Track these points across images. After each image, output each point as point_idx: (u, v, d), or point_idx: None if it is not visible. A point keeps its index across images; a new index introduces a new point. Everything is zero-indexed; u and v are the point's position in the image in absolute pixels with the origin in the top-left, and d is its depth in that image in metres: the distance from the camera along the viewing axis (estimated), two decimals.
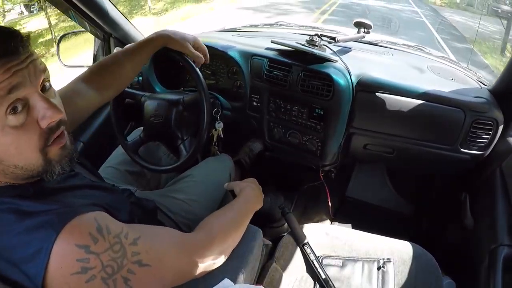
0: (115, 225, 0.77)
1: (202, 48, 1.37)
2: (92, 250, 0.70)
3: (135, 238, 0.78)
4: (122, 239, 0.75)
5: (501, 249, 1.15)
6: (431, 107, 1.38)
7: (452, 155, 1.43)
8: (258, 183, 1.35)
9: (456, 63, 1.80)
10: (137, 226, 0.86)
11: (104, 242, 0.72)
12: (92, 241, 0.71)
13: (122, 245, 0.74)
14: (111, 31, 1.86)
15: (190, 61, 1.33)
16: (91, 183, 0.98)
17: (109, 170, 1.57)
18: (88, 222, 0.73)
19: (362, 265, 1.30)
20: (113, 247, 0.73)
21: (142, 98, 1.53)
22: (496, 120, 1.35)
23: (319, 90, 1.44)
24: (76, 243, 0.69)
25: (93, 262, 0.69)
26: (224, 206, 1.17)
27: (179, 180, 1.49)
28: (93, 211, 0.77)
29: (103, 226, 0.74)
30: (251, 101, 1.65)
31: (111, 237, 0.74)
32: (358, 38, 1.76)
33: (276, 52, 1.59)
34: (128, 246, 0.75)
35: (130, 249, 0.75)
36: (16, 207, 0.72)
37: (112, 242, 0.73)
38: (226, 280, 1.02)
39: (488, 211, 1.32)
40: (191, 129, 1.52)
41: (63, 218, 0.70)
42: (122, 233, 0.76)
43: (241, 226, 1.13)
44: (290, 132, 1.61)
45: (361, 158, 1.74)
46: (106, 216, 0.79)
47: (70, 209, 0.74)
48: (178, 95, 1.51)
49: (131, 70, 1.29)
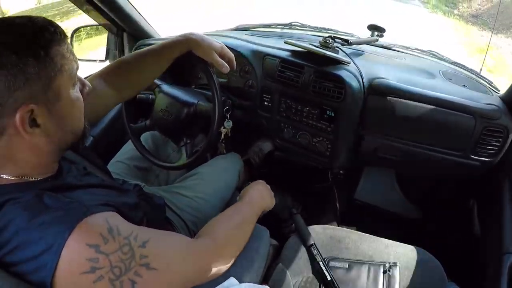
0: (125, 227, 0.78)
1: (228, 56, 1.35)
2: (102, 250, 0.71)
3: (144, 241, 0.78)
4: (132, 241, 0.76)
5: (507, 257, 1.15)
6: (442, 113, 1.37)
7: (462, 161, 1.42)
8: (266, 183, 1.35)
9: (468, 69, 1.79)
10: (146, 229, 0.86)
11: (114, 243, 0.73)
12: (103, 241, 0.72)
13: (131, 247, 0.75)
14: (124, 26, 1.87)
15: (211, 72, 1.33)
16: (103, 183, 0.99)
17: (118, 164, 1.58)
18: (99, 222, 0.74)
19: (368, 268, 1.30)
20: (122, 248, 0.74)
21: (156, 88, 1.54)
22: (507, 127, 1.35)
23: (330, 92, 1.44)
24: (87, 242, 0.70)
25: (102, 262, 0.71)
26: (228, 208, 1.17)
27: (188, 177, 1.50)
28: (105, 211, 0.78)
29: (113, 227, 0.75)
30: (262, 100, 1.65)
31: (121, 238, 0.75)
32: (371, 42, 1.76)
33: (289, 52, 1.59)
34: (137, 248, 0.76)
35: (138, 252, 0.76)
36: (32, 204, 0.73)
37: (122, 243, 0.74)
38: (232, 279, 1.03)
39: (496, 219, 1.31)
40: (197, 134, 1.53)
41: (76, 216, 0.72)
42: (132, 235, 0.77)
43: (247, 229, 1.12)
44: (300, 133, 1.61)
45: (370, 161, 1.73)
46: (117, 217, 0.80)
47: (83, 207, 0.75)
48: (192, 98, 1.52)
49: (153, 72, 1.29)
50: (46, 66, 0.74)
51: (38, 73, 0.73)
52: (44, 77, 0.74)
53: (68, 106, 0.81)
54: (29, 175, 0.81)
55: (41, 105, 0.75)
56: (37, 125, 0.76)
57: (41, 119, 0.76)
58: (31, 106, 0.73)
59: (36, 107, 0.74)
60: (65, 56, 0.78)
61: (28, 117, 0.73)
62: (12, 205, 0.73)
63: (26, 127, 0.74)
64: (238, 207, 1.18)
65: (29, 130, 0.74)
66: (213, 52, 1.28)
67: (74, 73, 0.82)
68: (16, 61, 0.70)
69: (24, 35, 0.73)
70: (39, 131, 0.77)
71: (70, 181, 0.88)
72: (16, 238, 0.70)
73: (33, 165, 0.81)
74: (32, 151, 0.79)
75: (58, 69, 0.76)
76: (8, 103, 0.71)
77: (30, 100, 0.73)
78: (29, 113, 0.73)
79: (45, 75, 0.74)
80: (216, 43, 1.30)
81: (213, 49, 1.28)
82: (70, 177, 0.90)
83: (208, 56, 1.28)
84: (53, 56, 0.75)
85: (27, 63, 0.71)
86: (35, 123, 0.76)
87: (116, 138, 1.92)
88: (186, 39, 1.26)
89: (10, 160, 0.78)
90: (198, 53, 1.28)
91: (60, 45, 0.77)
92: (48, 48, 0.74)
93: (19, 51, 0.70)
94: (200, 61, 1.31)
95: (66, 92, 0.79)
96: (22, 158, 0.79)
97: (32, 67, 0.71)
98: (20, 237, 0.70)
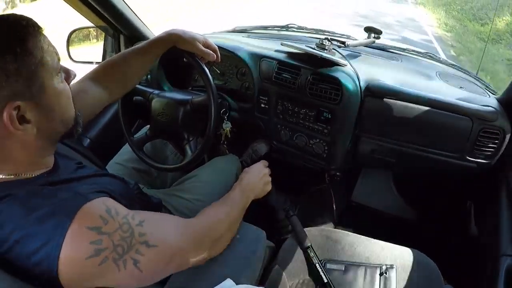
0: (122, 208, 0.82)
1: (212, 47, 1.36)
2: (104, 230, 0.74)
3: (140, 220, 0.83)
4: (130, 220, 0.80)
5: (504, 259, 1.15)
6: (438, 114, 1.37)
7: (459, 163, 1.43)
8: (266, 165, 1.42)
9: (465, 71, 1.80)
10: (140, 211, 0.89)
11: (114, 222, 0.76)
12: (103, 222, 0.74)
13: (130, 226, 0.79)
14: (121, 28, 1.87)
15: (199, 61, 1.33)
16: (98, 172, 1.01)
17: (116, 166, 1.58)
18: (97, 206, 0.77)
19: (364, 270, 1.30)
20: (122, 226, 0.77)
21: (150, 96, 1.54)
22: (504, 129, 1.35)
23: (327, 94, 1.44)
24: (88, 225, 0.72)
25: (105, 243, 0.73)
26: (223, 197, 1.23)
27: (186, 179, 1.50)
28: (101, 197, 0.80)
29: (111, 208, 0.78)
30: (259, 102, 1.65)
31: (120, 218, 0.78)
32: (368, 43, 1.76)
33: (286, 54, 1.59)
34: (135, 226, 0.80)
35: (137, 230, 0.80)
36: (28, 199, 0.74)
37: (121, 222, 0.78)
38: (228, 281, 1.03)
39: (493, 221, 1.31)
40: (198, 130, 1.52)
41: (74, 206, 0.74)
42: (129, 215, 0.81)
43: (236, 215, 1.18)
44: (297, 134, 1.61)
45: (367, 163, 1.73)
46: (113, 200, 0.83)
47: (80, 196, 0.77)
48: (186, 95, 1.52)
49: (140, 69, 1.30)
50: (25, 60, 0.73)
51: (18, 69, 0.72)
52: (25, 72, 0.73)
53: (55, 97, 0.81)
54: (25, 172, 0.81)
55: (27, 101, 0.74)
56: (27, 121, 0.76)
57: (29, 114, 0.76)
58: (17, 103, 0.72)
59: (22, 103, 0.73)
60: (43, 48, 0.77)
61: (16, 114, 0.73)
62: (9, 202, 0.73)
63: (16, 124, 0.73)
64: (230, 194, 1.24)
65: (19, 127, 0.74)
66: (197, 43, 1.30)
67: (56, 64, 0.81)
68: None
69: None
70: (30, 127, 0.77)
71: (65, 175, 0.89)
72: (15, 234, 0.71)
73: (27, 162, 0.82)
74: (25, 148, 0.79)
75: (39, 62, 0.75)
76: None
77: (14, 97, 0.72)
78: (16, 111, 0.73)
79: (25, 69, 0.73)
80: (198, 35, 1.32)
81: (197, 40, 1.30)
82: (65, 171, 0.91)
83: (192, 47, 1.29)
84: (31, 49, 0.74)
85: (4, 60, 0.70)
86: (24, 119, 0.75)
87: (113, 140, 1.92)
88: (169, 35, 1.28)
89: (4, 160, 0.78)
90: (182, 46, 1.29)
91: (36, 37, 0.76)
92: (23, 42, 0.73)
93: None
94: (185, 53, 1.32)
95: (50, 83, 0.79)
96: (16, 157, 0.79)
97: (10, 64, 0.71)
98: (19, 232, 0.71)
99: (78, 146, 1.17)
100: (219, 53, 1.38)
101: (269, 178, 1.39)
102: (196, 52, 1.31)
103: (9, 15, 0.77)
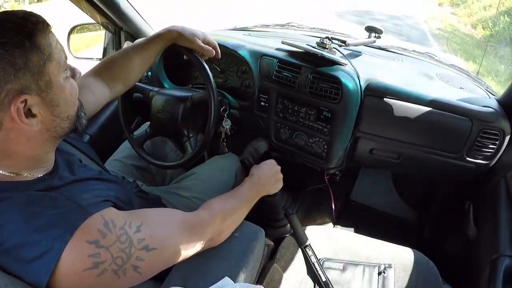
0: (119, 218, 0.81)
1: (212, 44, 1.36)
2: (102, 244, 0.74)
3: (138, 225, 0.82)
4: (127, 229, 0.80)
5: (502, 259, 1.15)
6: (438, 115, 1.37)
7: (458, 163, 1.43)
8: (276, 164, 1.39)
9: (465, 71, 1.79)
10: (138, 212, 0.90)
11: (112, 235, 0.76)
12: (101, 235, 0.75)
13: (128, 235, 0.79)
14: (122, 24, 1.87)
15: (199, 58, 1.34)
16: (99, 176, 1.00)
17: (115, 163, 1.58)
18: (96, 220, 0.77)
19: (362, 269, 1.30)
20: (120, 238, 0.77)
21: (150, 93, 1.54)
22: (503, 130, 1.35)
23: (327, 93, 1.44)
24: (86, 239, 0.73)
25: (104, 256, 0.74)
26: (230, 191, 1.22)
27: (185, 177, 1.50)
28: (101, 209, 0.80)
29: (109, 221, 0.78)
30: (259, 101, 1.65)
31: (117, 229, 0.78)
32: (369, 43, 1.76)
33: (286, 53, 1.59)
34: (133, 235, 0.80)
35: (135, 237, 0.80)
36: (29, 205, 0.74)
37: (119, 234, 0.78)
38: (226, 279, 1.03)
39: (491, 221, 1.31)
40: (198, 126, 1.52)
41: (75, 220, 0.74)
42: (126, 224, 0.81)
43: (242, 210, 1.18)
44: (297, 133, 1.61)
45: (366, 162, 1.73)
46: (112, 210, 0.83)
47: (80, 210, 0.77)
48: (186, 92, 1.52)
49: (140, 66, 1.30)
50: (33, 55, 0.74)
51: (27, 64, 0.72)
52: (33, 66, 0.74)
53: (61, 93, 0.81)
54: (25, 171, 0.81)
55: (34, 95, 0.75)
56: (33, 115, 0.76)
57: (36, 109, 0.76)
58: (24, 97, 0.73)
59: (30, 97, 0.74)
60: (51, 44, 0.78)
61: (23, 108, 0.73)
62: (9, 205, 0.73)
63: (22, 118, 0.74)
64: (238, 189, 1.23)
65: (25, 121, 0.75)
66: (197, 39, 1.31)
67: (63, 61, 0.82)
68: (3, 54, 0.70)
69: (7, 28, 0.72)
70: (36, 121, 0.77)
71: (66, 176, 0.89)
72: (13, 238, 0.71)
73: (29, 159, 0.82)
74: (29, 143, 0.79)
75: (47, 57, 0.76)
76: (1, 97, 0.71)
77: (22, 91, 0.73)
78: (23, 104, 0.74)
79: (34, 64, 0.74)
80: (198, 31, 1.33)
81: (196, 36, 1.31)
82: (65, 172, 0.91)
83: (192, 44, 1.31)
84: (40, 45, 0.75)
85: (14, 55, 0.71)
86: (30, 113, 0.76)
87: (113, 136, 1.92)
88: (169, 31, 1.29)
89: (7, 154, 0.78)
90: (182, 42, 1.31)
91: (44, 34, 0.77)
92: (32, 37, 0.74)
93: (4, 44, 0.70)
94: (185, 50, 1.33)
95: (57, 79, 0.79)
96: (19, 151, 0.79)
97: (19, 58, 0.71)
98: (18, 238, 0.71)
99: (78, 142, 1.17)
100: (219, 49, 1.38)
101: (281, 176, 1.38)
102: (195, 48, 1.32)
103: (19, 11, 0.77)
